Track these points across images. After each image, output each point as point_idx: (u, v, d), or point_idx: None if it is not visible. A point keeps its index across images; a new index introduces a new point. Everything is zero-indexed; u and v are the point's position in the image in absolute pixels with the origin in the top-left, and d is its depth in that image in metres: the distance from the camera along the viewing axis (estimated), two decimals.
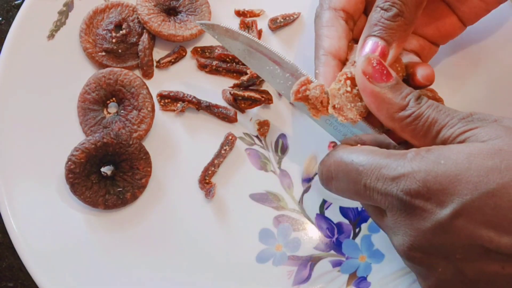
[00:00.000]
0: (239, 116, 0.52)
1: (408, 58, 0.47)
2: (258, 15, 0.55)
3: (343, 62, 0.45)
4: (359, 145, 0.41)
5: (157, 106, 0.52)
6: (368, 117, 0.42)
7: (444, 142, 0.37)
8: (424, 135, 0.38)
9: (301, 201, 0.51)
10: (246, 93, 0.52)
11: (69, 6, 0.54)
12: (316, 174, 0.51)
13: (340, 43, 0.44)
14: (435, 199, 0.34)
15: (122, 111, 0.51)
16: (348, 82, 0.41)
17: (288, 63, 0.44)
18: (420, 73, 0.44)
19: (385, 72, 0.39)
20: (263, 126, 0.52)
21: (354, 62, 0.43)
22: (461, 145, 0.35)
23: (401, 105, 0.38)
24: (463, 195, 0.33)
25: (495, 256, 0.33)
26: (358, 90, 0.41)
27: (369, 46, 0.41)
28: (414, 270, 0.38)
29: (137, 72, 0.53)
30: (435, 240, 0.34)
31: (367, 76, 0.39)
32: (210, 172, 0.51)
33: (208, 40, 0.55)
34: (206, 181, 0.50)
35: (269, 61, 0.45)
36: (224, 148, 0.51)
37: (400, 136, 0.39)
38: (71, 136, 0.50)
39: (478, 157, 0.34)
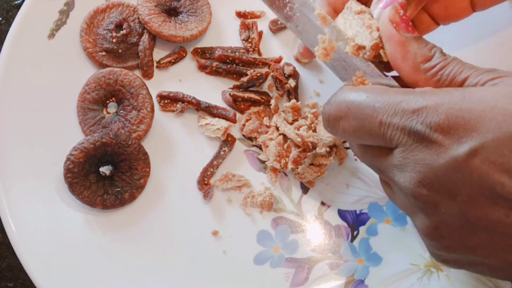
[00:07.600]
0: (238, 117, 0.52)
1: None
2: (259, 17, 0.55)
3: (336, 12, 0.44)
4: (370, 83, 0.40)
5: (156, 106, 0.52)
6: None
7: None
8: (449, 85, 0.37)
9: (299, 204, 0.51)
10: (246, 95, 0.52)
11: (70, 6, 0.54)
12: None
13: None
14: (454, 134, 0.33)
15: (121, 111, 0.51)
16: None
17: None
18: None
19: (410, 23, 0.39)
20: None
21: (360, 11, 0.41)
22: (489, 86, 0.35)
23: (427, 56, 0.38)
24: (484, 133, 0.33)
25: (502, 203, 0.32)
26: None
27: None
28: (412, 209, 0.37)
29: (137, 72, 0.53)
30: (445, 177, 0.33)
31: (394, 25, 0.38)
32: (209, 173, 0.51)
33: (208, 41, 0.55)
34: (204, 182, 0.50)
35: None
36: (223, 149, 0.51)
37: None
38: (70, 136, 0.50)
39: (505, 97, 0.33)
